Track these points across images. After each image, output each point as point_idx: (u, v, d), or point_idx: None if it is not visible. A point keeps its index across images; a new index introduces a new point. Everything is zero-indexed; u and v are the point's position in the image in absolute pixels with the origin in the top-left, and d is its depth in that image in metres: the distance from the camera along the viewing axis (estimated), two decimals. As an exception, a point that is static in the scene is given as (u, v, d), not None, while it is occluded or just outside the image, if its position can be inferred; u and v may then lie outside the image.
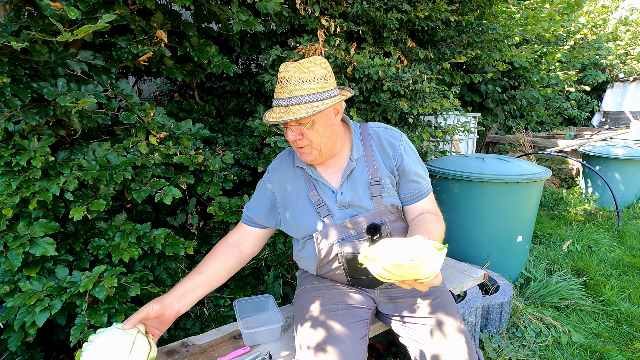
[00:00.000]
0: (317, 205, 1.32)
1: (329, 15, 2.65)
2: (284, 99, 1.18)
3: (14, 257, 1.30)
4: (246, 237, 1.44)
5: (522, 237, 2.67)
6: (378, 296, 1.41)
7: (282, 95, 1.18)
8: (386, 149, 1.35)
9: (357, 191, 1.31)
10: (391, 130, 1.39)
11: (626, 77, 10.42)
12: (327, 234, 1.31)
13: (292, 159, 1.40)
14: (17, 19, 1.38)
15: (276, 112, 1.20)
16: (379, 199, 1.31)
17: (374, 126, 1.40)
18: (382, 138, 1.36)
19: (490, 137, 6.13)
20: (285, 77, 1.17)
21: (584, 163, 4.20)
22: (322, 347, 1.17)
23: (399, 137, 1.37)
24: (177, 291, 1.26)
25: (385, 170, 1.33)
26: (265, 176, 1.45)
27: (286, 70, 1.17)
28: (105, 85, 1.59)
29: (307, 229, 1.34)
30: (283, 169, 1.40)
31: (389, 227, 1.32)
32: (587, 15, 10.17)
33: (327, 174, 1.35)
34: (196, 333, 1.77)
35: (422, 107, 2.55)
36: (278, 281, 2.08)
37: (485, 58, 3.66)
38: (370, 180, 1.31)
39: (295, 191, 1.36)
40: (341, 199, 1.31)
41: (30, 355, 1.48)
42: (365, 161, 1.34)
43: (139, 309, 1.20)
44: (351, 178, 1.32)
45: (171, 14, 1.91)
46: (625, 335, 2.27)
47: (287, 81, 1.17)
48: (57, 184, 1.36)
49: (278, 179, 1.39)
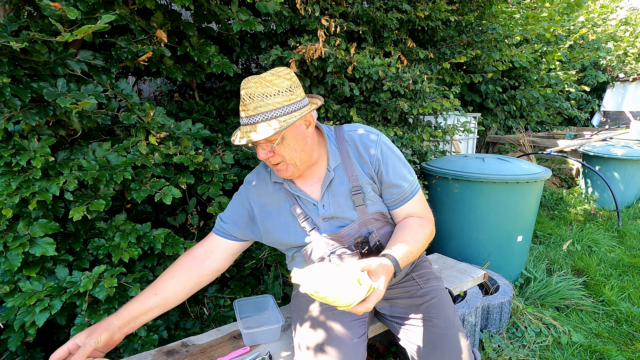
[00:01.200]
0: (301, 220, 1.26)
1: (329, 15, 2.65)
2: (249, 117, 1.12)
3: (13, 257, 1.30)
4: (215, 250, 1.33)
5: (522, 237, 2.67)
6: None
7: (247, 113, 1.12)
8: (363, 155, 1.27)
9: (339, 202, 1.25)
10: (367, 132, 1.30)
11: (626, 77, 10.42)
12: (316, 248, 1.26)
13: (269, 173, 1.33)
14: (16, 19, 1.38)
15: (243, 132, 1.13)
16: (363, 208, 1.26)
17: (348, 130, 1.32)
18: (357, 143, 1.28)
19: (490, 137, 6.13)
20: (248, 93, 1.10)
21: (584, 163, 4.20)
22: (320, 346, 1.17)
23: (375, 140, 1.28)
24: (126, 313, 1.17)
25: (364, 177, 1.26)
26: (242, 188, 1.37)
27: (247, 86, 1.11)
28: (105, 85, 1.59)
29: (293, 243, 1.30)
30: (260, 183, 1.33)
31: (377, 234, 1.27)
32: (587, 15, 10.17)
33: (306, 186, 1.29)
34: (196, 333, 1.77)
35: (422, 107, 2.55)
36: (278, 281, 2.08)
37: (485, 58, 3.66)
38: (352, 190, 1.25)
39: (275, 205, 1.30)
40: (323, 212, 1.25)
41: (30, 355, 1.48)
42: (344, 169, 1.27)
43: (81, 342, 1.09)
44: (331, 189, 1.26)
45: (171, 13, 1.91)
46: (625, 335, 2.26)
47: (250, 98, 1.10)
48: (57, 184, 1.36)
49: (256, 192, 1.33)
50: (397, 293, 1.39)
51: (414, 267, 1.48)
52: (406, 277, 1.43)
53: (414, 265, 1.49)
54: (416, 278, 1.42)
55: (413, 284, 1.40)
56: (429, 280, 1.41)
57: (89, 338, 1.09)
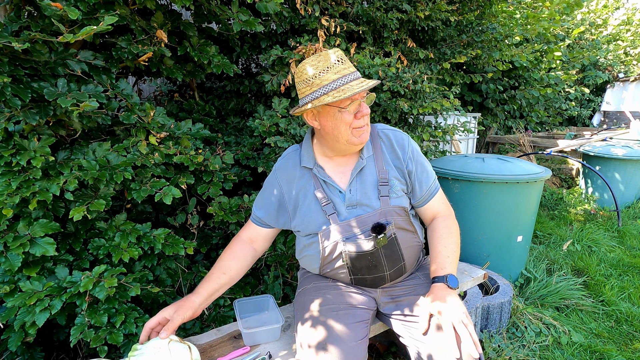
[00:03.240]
0: (323, 204, 1.32)
1: (329, 15, 2.65)
2: (351, 73, 1.22)
3: (14, 257, 1.30)
4: (257, 237, 1.48)
5: (522, 237, 2.67)
6: (380, 296, 1.41)
7: (348, 70, 1.22)
8: (397, 151, 1.37)
9: (366, 190, 1.31)
10: (399, 132, 1.41)
11: (626, 77, 10.42)
12: (332, 232, 1.31)
13: (299, 158, 1.39)
14: (17, 19, 1.38)
15: (352, 85, 1.20)
16: (387, 199, 1.31)
17: (382, 128, 1.42)
18: (392, 140, 1.38)
19: (490, 137, 6.13)
20: (337, 56, 1.21)
21: (584, 163, 4.20)
22: (322, 346, 1.17)
23: (407, 140, 1.40)
24: (205, 292, 1.32)
25: (394, 171, 1.35)
26: (272, 175, 1.45)
27: (328, 53, 1.21)
28: (105, 85, 1.59)
29: (312, 228, 1.34)
30: (289, 168, 1.40)
31: (394, 228, 1.32)
32: (587, 14, 10.17)
33: (336, 173, 1.35)
34: (196, 333, 1.77)
35: (422, 107, 2.55)
36: (278, 281, 2.08)
37: (485, 58, 3.66)
38: (380, 181, 1.32)
39: (302, 189, 1.36)
40: (350, 197, 1.31)
41: (30, 355, 1.48)
42: (374, 161, 1.35)
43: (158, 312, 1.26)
44: (361, 176, 1.33)
45: (171, 14, 1.91)
46: (625, 335, 2.27)
47: (341, 59, 1.22)
48: (57, 184, 1.36)
49: (286, 177, 1.39)
50: (403, 290, 1.40)
51: (419, 267, 1.51)
52: (411, 275, 1.46)
53: (419, 266, 1.52)
54: (421, 277, 1.45)
55: (418, 282, 1.42)
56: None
57: (177, 313, 1.23)
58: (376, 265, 1.34)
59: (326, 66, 1.20)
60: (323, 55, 1.21)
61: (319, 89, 1.20)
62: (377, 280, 1.37)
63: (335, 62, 1.21)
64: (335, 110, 1.22)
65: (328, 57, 1.21)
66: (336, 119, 1.23)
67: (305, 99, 1.25)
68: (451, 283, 1.23)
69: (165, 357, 1.13)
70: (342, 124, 1.23)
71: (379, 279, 1.37)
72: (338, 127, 1.24)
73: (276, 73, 2.34)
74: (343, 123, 1.22)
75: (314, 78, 1.21)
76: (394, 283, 1.42)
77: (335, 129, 1.25)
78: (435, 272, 1.28)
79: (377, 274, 1.35)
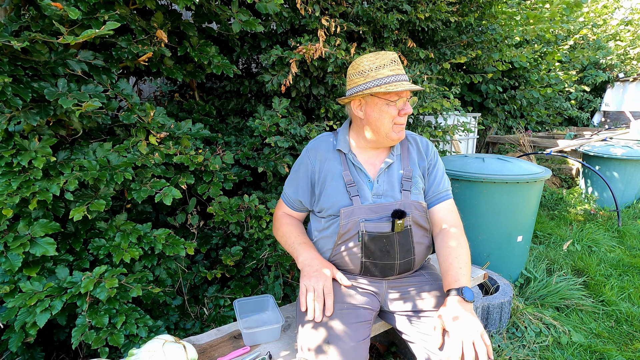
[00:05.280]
0: (349, 185, 1.38)
1: (329, 15, 2.65)
2: (404, 74, 1.33)
3: (14, 257, 1.30)
4: (296, 217, 1.58)
5: (522, 237, 2.67)
6: (386, 290, 1.41)
7: (401, 71, 1.33)
8: (422, 152, 1.48)
9: (392, 182, 1.40)
10: (424, 138, 1.56)
11: (626, 77, 10.43)
12: (353, 212, 1.35)
13: (332, 142, 1.48)
14: (17, 19, 1.38)
15: (399, 82, 1.30)
16: (407, 194, 1.39)
17: (409, 133, 1.55)
18: (419, 143, 1.51)
19: (490, 137, 6.13)
20: (390, 58, 1.33)
21: (584, 163, 4.20)
22: (324, 346, 1.17)
23: (431, 145, 1.54)
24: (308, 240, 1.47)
25: (418, 169, 1.45)
26: (304, 156, 1.50)
27: (385, 54, 1.33)
28: (105, 85, 1.59)
29: (336, 208, 1.38)
30: (322, 149, 1.46)
31: (410, 220, 1.38)
32: (587, 15, 10.17)
33: (368, 164, 1.43)
34: (196, 333, 1.77)
35: (422, 107, 2.55)
36: (278, 281, 2.08)
37: (485, 58, 3.66)
38: (403, 177, 1.41)
39: (332, 170, 1.42)
40: (377, 187, 1.39)
41: (31, 356, 1.48)
42: (401, 160, 1.44)
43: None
44: (389, 171, 1.42)
45: (171, 14, 1.91)
46: (625, 335, 2.27)
47: (395, 61, 1.33)
48: (57, 184, 1.36)
49: (319, 157, 1.45)
50: (409, 286, 1.40)
51: (423, 267, 1.52)
52: (416, 272, 1.48)
53: (422, 266, 1.52)
54: (426, 275, 1.47)
55: (423, 279, 1.44)
56: (438, 279, 1.46)
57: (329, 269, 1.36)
58: (389, 251, 1.36)
59: (383, 63, 1.31)
60: (382, 54, 1.33)
61: (373, 80, 1.30)
62: (387, 268, 1.37)
63: (392, 62, 1.32)
64: (383, 102, 1.31)
65: (386, 56, 1.32)
66: (382, 110, 1.32)
67: (358, 88, 1.33)
68: (467, 296, 1.21)
69: (159, 359, 1.14)
70: (387, 116, 1.32)
71: (388, 268, 1.38)
72: (382, 118, 1.32)
73: (276, 73, 2.34)
74: (388, 115, 1.32)
75: (370, 71, 1.31)
76: (401, 277, 1.42)
77: (379, 120, 1.33)
78: (450, 285, 1.26)
79: (388, 260, 1.36)
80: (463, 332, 1.11)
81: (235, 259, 1.94)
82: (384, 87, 1.28)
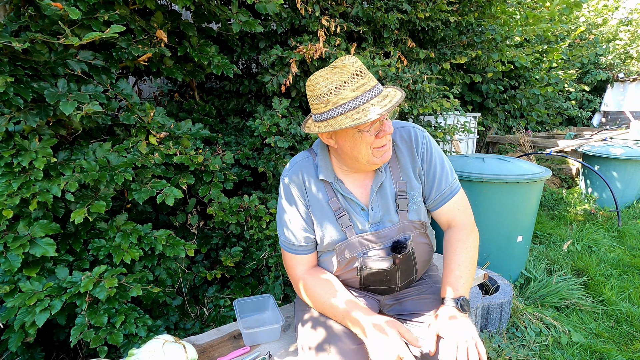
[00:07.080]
0: (338, 215, 1.22)
1: (329, 15, 2.65)
2: (372, 89, 1.05)
3: (14, 258, 1.30)
4: (314, 263, 1.33)
5: (522, 237, 2.67)
6: (385, 299, 1.41)
7: (368, 85, 1.05)
8: (413, 148, 1.25)
9: (387, 205, 1.23)
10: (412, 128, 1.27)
11: (626, 77, 10.43)
12: (349, 246, 1.23)
13: (315, 169, 1.25)
14: (17, 19, 1.38)
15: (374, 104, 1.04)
16: (405, 214, 1.24)
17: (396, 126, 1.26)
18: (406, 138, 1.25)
19: (490, 137, 6.13)
20: (356, 68, 1.04)
21: (583, 163, 4.20)
22: (323, 347, 1.17)
23: (421, 137, 1.26)
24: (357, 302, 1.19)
25: (413, 176, 1.24)
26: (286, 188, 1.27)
27: (346, 64, 1.04)
28: (105, 85, 1.59)
29: (328, 240, 1.25)
30: (309, 177, 1.25)
31: (412, 242, 1.27)
32: (587, 14, 10.17)
33: (356, 187, 1.24)
34: (196, 333, 1.77)
35: (422, 107, 2.55)
36: (278, 282, 2.08)
37: (485, 58, 3.66)
38: (397, 194, 1.23)
39: (320, 201, 1.25)
40: (373, 215, 1.22)
41: (31, 355, 1.48)
42: (390, 172, 1.24)
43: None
44: (381, 191, 1.23)
45: (171, 14, 1.91)
46: (625, 335, 2.27)
47: (361, 72, 1.04)
48: (57, 186, 1.36)
49: (305, 186, 1.25)
50: (408, 293, 1.40)
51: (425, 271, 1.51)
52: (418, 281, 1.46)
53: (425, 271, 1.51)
54: (427, 279, 1.45)
55: (424, 284, 1.43)
56: (438, 282, 1.45)
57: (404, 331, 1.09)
58: (389, 279, 1.32)
59: (343, 80, 1.03)
60: (339, 68, 1.04)
61: (335, 108, 1.05)
62: (387, 290, 1.37)
63: (354, 76, 1.03)
64: (355, 130, 1.08)
65: (345, 70, 1.03)
66: (355, 139, 1.09)
67: (320, 117, 1.10)
68: (463, 308, 1.15)
69: (159, 359, 1.14)
70: (362, 144, 1.10)
71: (389, 290, 1.37)
72: (358, 147, 1.11)
73: (276, 73, 2.34)
74: (364, 144, 1.09)
75: (329, 94, 1.04)
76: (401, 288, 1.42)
77: (354, 149, 1.11)
78: (447, 293, 1.19)
79: (388, 286, 1.35)
80: (458, 337, 1.08)
81: (235, 260, 1.94)
82: (349, 115, 1.03)
